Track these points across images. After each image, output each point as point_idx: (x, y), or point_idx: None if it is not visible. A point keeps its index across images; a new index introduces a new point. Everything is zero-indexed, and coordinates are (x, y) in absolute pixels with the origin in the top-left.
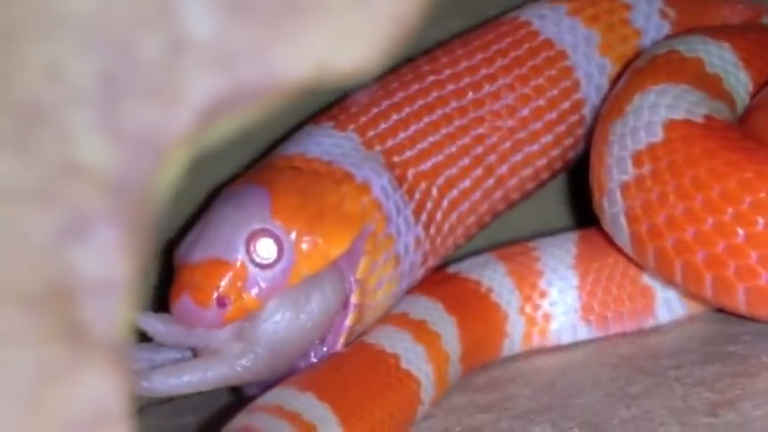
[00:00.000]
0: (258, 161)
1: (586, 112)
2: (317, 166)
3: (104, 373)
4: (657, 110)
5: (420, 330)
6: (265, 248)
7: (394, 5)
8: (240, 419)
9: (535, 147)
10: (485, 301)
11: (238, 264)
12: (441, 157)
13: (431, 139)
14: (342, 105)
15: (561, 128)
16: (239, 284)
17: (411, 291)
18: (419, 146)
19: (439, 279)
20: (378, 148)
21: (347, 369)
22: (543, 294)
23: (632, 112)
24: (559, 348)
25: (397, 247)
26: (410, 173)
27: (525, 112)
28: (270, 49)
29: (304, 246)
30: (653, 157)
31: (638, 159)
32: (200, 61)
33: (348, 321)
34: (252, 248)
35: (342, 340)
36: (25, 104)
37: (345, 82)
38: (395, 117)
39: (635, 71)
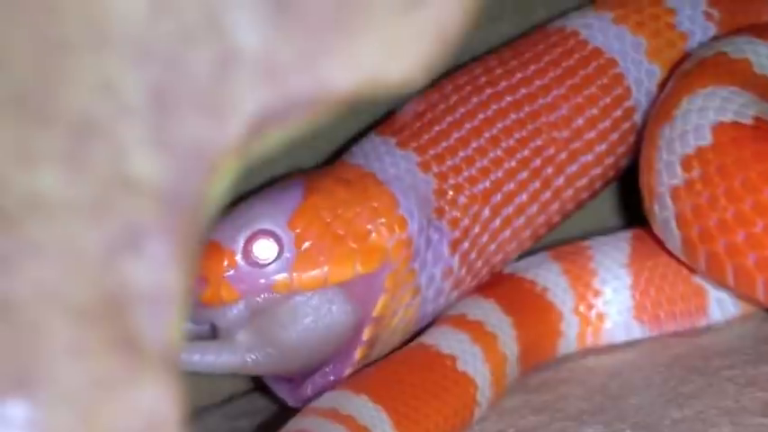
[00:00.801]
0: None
1: (638, 119)
2: (368, 183)
3: (157, 383)
4: (706, 113)
5: (477, 331)
6: (263, 249)
7: (440, 16)
8: (294, 424)
9: (590, 156)
10: (540, 301)
11: (231, 254)
12: (500, 174)
13: (491, 155)
14: (406, 118)
15: (614, 136)
16: (224, 272)
17: (468, 292)
18: (478, 164)
19: (495, 280)
20: (434, 169)
21: (403, 371)
22: (597, 294)
23: (680, 116)
24: (612, 349)
25: (419, 279)
26: (462, 197)
27: (580, 121)
28: (318, 60)
29: (305, 263)
30: (702, 160)
31: (687, 163)
32: (249, 74)
33: (357, 354)
34: (251, 245)
35: (348, 370)
36: (78, 119)
37: (394, 92)
38: (456, 135)
39: (682, 75)
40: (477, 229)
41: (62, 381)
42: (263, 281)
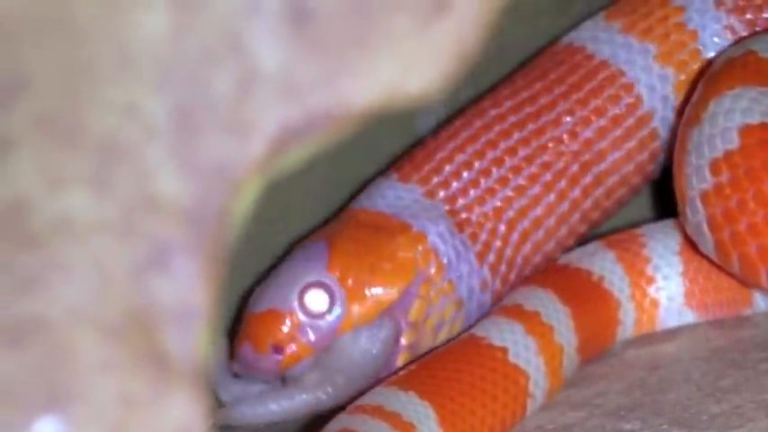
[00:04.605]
0: None
1: (657, 124)
2: (378, 219)
3: (186, 400)
4: (732, 116)
5: (532, 322)
6: (317, 300)
7: (459, 30)
8: (338, 422)
9: (603, 165)
10: (598, 290)
11: (291, 314)
12: (508, 191)
13: (495, 175)
14: (409, 155)
15: (631, 143)
16: (293, 333)
17: (524, 282)
18: (484, 185)
19: (551, 270)
20: (441, 195)
21: (452, 365)
22: (651, 280)
23: (708, 119)
24: (652, 342)
25: (459, 291)
26: (474, 215)
27: (588, 133)
28: (338, 77)
29: (356, 297)
30: (730, 164)
31: (715, 167)
32: (270, 93)
33: (399, 361)
34: (304, 300)
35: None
36: (104, 142)
37: (414, 106)
38: (459, 159)
39: (711, 76)
40: (498, 243)
41: (92, 397)
42: (329, 328)
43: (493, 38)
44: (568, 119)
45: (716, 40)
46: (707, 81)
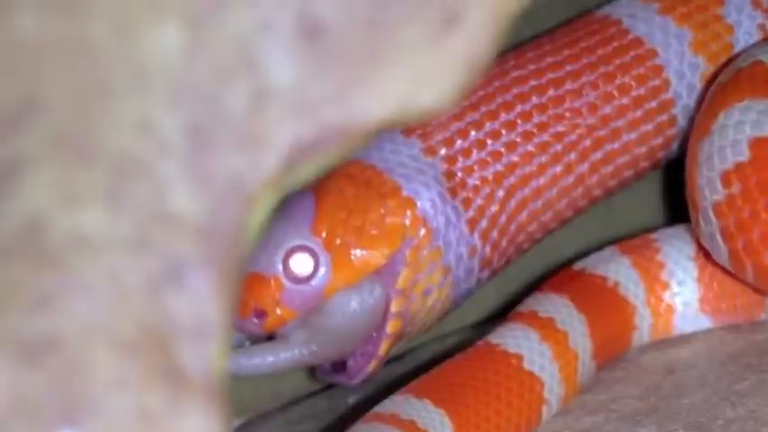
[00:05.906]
0: None
1: (677, 111)
2: (370, 174)
3: (202, 414)
4: (742, 128)
5: (548, 329)
6: (301, 264)
7: (470, 44)
8: (354, 430)
9: (616, 144)
10: (613, 296)
11: (275, 278)
12: (514, 157)
13: (505, 138)
14: None
15: (648, 127)
16: (276, 297)
17: (540, 289)
18: (490, 147)
19: (567, 276)
20: (442, 152)
21: (466, 373)
22: (666, 286)
23: (717, 131)
24: (667, 346)
25: (447, 258)
26: (472, 179)
27: (608, 110)
28: (349, 91)
29: (341, 261)
30: (741, 176)
31: (726, 179)
32: (282, 108)
33: (388, 328)
34: (288, 264)
35: (384, 344)
36: (118, 158)
37: (425, 119)
38: (469, 117)
39: (719, 87)
40: (493, 209)
41: (108, 412)
42: (313, 292)
43: (504, 38)
44: (591, 92)
45: (747, 37)
46: (715, 91)
